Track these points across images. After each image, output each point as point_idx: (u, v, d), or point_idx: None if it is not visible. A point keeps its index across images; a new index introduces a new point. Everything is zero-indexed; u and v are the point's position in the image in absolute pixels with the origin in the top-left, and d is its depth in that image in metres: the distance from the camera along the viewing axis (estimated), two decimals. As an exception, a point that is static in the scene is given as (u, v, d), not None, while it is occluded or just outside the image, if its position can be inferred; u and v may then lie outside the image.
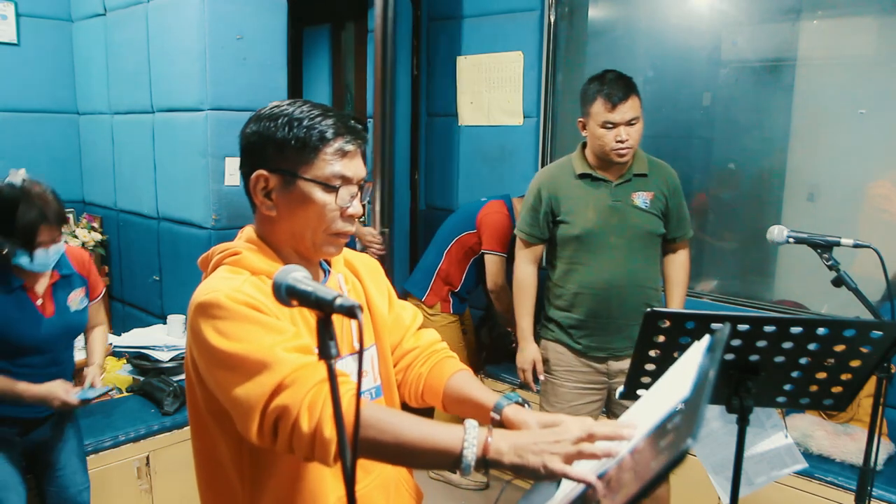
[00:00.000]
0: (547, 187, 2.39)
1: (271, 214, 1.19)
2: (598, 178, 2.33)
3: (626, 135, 2.22)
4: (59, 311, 2.10)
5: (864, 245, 1.80)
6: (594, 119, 2.26)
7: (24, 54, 3.62)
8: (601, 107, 2.23)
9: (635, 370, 1.57)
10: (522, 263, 2.50)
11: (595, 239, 2.32)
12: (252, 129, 1.22)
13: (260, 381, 1.01)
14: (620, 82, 2.24)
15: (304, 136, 1.15)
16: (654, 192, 2.33)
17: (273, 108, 1.21)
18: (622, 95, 2.21)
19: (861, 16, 2.80)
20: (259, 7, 3.16)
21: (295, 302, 1.00)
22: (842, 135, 2.83)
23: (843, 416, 2.61)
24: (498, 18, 3.60)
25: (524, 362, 2.54)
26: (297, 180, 1.15)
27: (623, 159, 2.27)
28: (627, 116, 2.21)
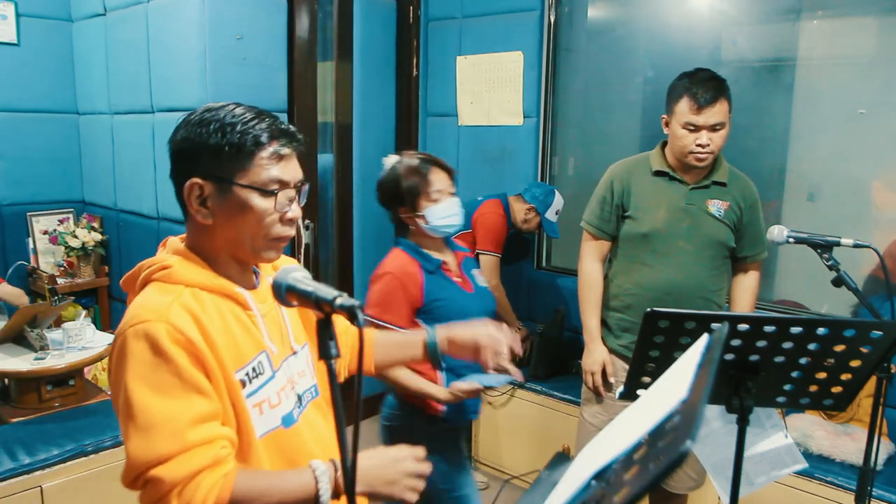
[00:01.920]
0: (620, 179, 2.26)
1: (207, 223, 1.15)
2: (675, 178, 2.20)
3: (709, 140, 2.08)
4: (476, 286, 2.01)
5: (864, 245, 1.80)
6: (677, 118, 2.12)
7: (24, 54, 3.62)
8: (686, 106, 2.09)
9: (635, 370, 1.57)
10: (588, 259, 2.34)
11: (662, 240, 2.19)
12: (182, 135, 1.16)
13: (151, 446, 1.03)
14: (711, 83, 2.09)
15: (237, 142, 1.12)
16: (729, 202, 2.20)
17: (203, 112, 1.17)
18: (711, 98, 2.06)
19: (861, 16, 2.80)
20: (259, 7, 3.16)
21: (295, 301, 1.00)
22: (842, 135, 2.83)
23: (843, 416, 2.61)
24: (498, 18, 3.60)
25: (593, 364, 2.32)
26: (234, 187, 1.12)
27: (701, 164, 2.13)
28: (712, 121, 2.07)
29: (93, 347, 2.81)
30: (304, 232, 3.50)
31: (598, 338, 2.32)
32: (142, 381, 1.04)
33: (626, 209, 2.25)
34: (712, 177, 2.21)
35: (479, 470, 3.44)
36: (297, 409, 1.21)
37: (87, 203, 3.93)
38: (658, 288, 2.21)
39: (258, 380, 1.14)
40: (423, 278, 1.92)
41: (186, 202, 1.15)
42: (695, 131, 2.09)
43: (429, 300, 1.91)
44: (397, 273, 1.91)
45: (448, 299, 1.91)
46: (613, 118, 3.57)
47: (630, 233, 2.25)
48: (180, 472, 1.02)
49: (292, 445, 1.18)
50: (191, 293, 1.11)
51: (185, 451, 1.03)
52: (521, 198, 3.33)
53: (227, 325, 1.12)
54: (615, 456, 0.92)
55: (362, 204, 3.91)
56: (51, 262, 3.75)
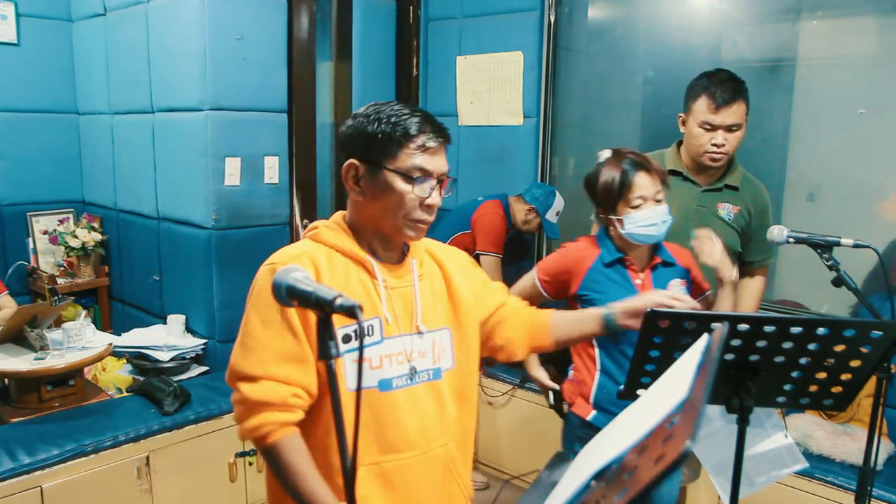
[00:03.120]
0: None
1: (359, 199, 1.33)
2: (688, 178, 2.20)
3: (724, 140, 2.09)
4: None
5: (864, 245, 1.80)
6: (694, 117, 2.12)
7: (24, 54, 3.62)
8: (704, 105, 2.08)
9: (635, 370, 1.57)
10: None
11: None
12: (349, 123, 1.36)
13: (243, 362, 1.26)
14: (730, 84, 2.09)
15: (389, 131, 1.29)
16: (740, 206, 2.20)
17: (369, 107, 1.36)
18: (729, 98, 2.06)
19: (861, 16, 2.80)
20: (259, 7, 3.16)
21: (295, 302, 1.00)
22: (842, 135, 2.83)
23: (843, 416, 2.61)
24: (498, 18, 3.60)
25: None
26: (382, 170, 1.30)
27: (716, 164, 2.14)
28: (729, 121, 2.08)
29: (93, 347, 2.80)
30: (303, 232, 3.50)
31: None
32: (255, 309, 1.27)
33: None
34: (725, 180, 2.20)
35: (479, 470, 3.44)
36: (402, 379, 1.33)
37: (87, 203, 3.93)
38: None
39: (365, 340, 1.29)
40: (590, 267, 1.93)
41: (344, 180, 1.34)
42: (711, 130, 2.10)
43: (585, 289, 1.92)
44: (570, 251, 1.99)
45: (608, 294, 1.88)
46: (613, 118, 3.57)
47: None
48: (255, 394, 1.23)
49: (383, 408, 1.30)
50: (326, 252, 1.32)
51: (265, 378, 1.23)
52: (521, 198, 3.33)
53: (347, 285, 1.30)
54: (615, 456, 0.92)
55: (362, 204, 3.91)
56: (51, 262, 3.75)
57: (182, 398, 2.77)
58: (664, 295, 1.54)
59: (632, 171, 1.86)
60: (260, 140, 3.24)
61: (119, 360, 3.16)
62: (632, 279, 1.92)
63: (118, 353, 3.12)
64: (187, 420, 2.73)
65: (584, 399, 1.97)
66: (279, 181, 3.34)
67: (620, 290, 1.89)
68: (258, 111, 3.22)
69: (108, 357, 2.97)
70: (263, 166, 3.26)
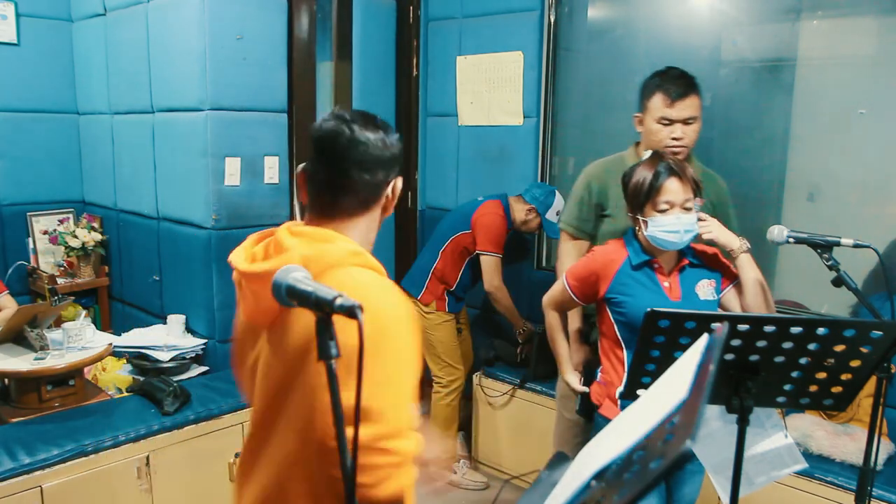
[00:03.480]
0: (597, 179, 2.32)
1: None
2: None
3: (682, 133, 2.15)
4: (686, 297, 1.95)
5: (864, 245, 1.80)
6: (651, 114, 2.19)
7: (24, 54, 3.62)
8: (659, 101, 2.16)
9: (635, 370, 1.57)
10: (567, 259, 2.37)
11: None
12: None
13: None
14: (682, 80, 2.17)
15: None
16: (703, 200, 2.24)
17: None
18: (682, 92, 2.14)
19: (861, 16, 2.80)
20: (259, 7, 3.16)
21: (295, 301, 1.00)
22: (842, 135, 2.83)
23: (843, 416, 2.61)
24: (498, 18, 3.60)
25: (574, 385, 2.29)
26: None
27: (677, 157, 2.16)
28: (685, 114, 2.15)
29: (93, 347, 2.80)
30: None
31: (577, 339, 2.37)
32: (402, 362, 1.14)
33: (604, 208, 2.32)
34: None
35: (480, 470, 3.44)
36: None
37: (87, 203, 3.93)
38: None
39: None
40: (618, 270, 1.94)
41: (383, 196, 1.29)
42: (669, 125, 2.16)
43: (614, 292, 1.94)
44: (599, 255, 2.02)
45: (636, 297, 1.90)
46: (613, 118, 3.57)
47: (608, 231, 2.30)
48: (411, 448, 1.11)
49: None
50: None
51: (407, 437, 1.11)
52: (521, 198, 3.33)
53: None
54: (615, 456, 0.92)
55: (362, 204, 3.91)
56: (51, 262, 3.75)
57: (182, 398, 2.77)
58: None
59: (664, 175, 1.88)
60: (260, 140, 3.23)
61: (119, 360, 3.16)
62: (660, 282, 1.93)
63: (118, 353, 3.12)
64: (187, 420, 2.73)
65: (611, 401, 1.97)
66: (279, 181, 3.34)
67: (648, 293, 1.91)
68: (258, 111, 3.22)
69: (108, 357, 2.97)
70: (263, 166, 3.26)
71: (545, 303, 2.18)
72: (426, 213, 4.08)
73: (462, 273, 3.29)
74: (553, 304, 2.16)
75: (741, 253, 1.95)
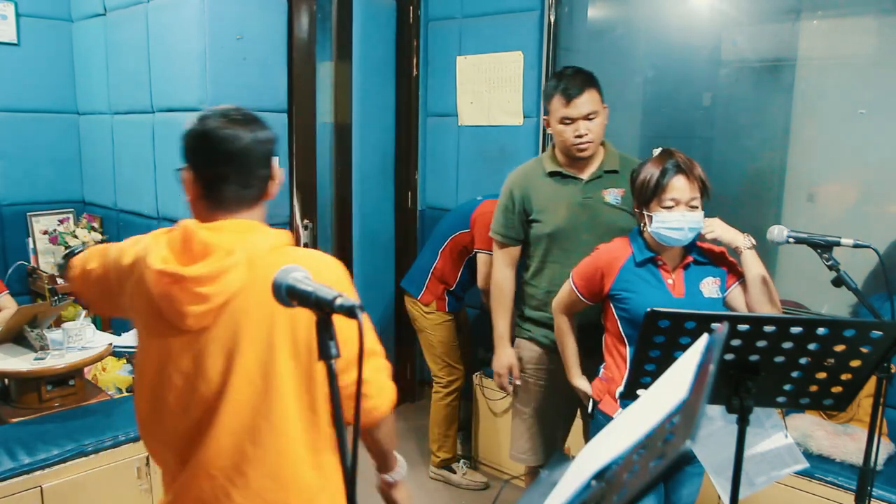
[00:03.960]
0: (518, 187, 2.36)
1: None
2: (568, 175, 2.31)
3: (586, 129, 2.20)
4: (690, 294, 1.95)
5: (864, 245, 1.80)
6: (553, 116, 2.25)
7: (24, 54, 3.62)
8: (558, 102, 2.22)
9: (635, 370, 1.57)
10: (500, 266, 2.46)
11: (566, 236, 2.29)
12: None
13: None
14: (577, 77, 2.23)
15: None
16: (625, 188, 2.29)
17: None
18: (578, 90, 2.19)
19: (861, 16, 2.80)
20: (259, 7, 3.16)
21: (295, 302, 1.00)
22: (842, 135, 2.83)
23: (843, 416, 2.61)
24: (498, 18, 3.60)
25: (500, 367, 2.50)
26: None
27: (584, 154, 2.25)
28: (584, 111, 2.20)
29: (93, 347, 2.80)
30: (302, 232, 3.50)
31: (506, 341, 2.46)
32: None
33: (529, 213, 2.35)
34: (604, 167, 2.31)
35: (480, 470, 3.44)
36: None
37: (87, 203, 3.93)
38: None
39: None
40: (622, 266, 1.95)
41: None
42: (571, 123, 2.22)
43: (617, 288, 1.95)
44: (603, 252, 2.03)
45: (640, 293, 1.91)
46: (613, 118, 3.55)
47: (537, 234, 2.34)
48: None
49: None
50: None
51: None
52: None
53: None
54: (615, 456, 0.92)
55: (361, 204, 3.91)
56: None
57: (182, 398, 2.77)
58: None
59: (671, 172, 1.88)
60: (260, 140, 3.23)
61: (119, 360, 3.16)
62: (664, 279, 1.94)
63: (118, 353, 3.12)
64: (187, 420, 2.73)
65: (611, 397, 1.98)
66: (279, 181, 3.34)
67: (652, 290, 1.92)
68: (258, 111, 3.21)
69: (108, 357, 2.96)
70: (263, 166, 3.26)
71: (554, 308, 2.19)
72: (426, 213, 4.08)
73: (461, 272, 3.29)
74: (562, 307, 2.15)
75: (746, 249, 1.95)
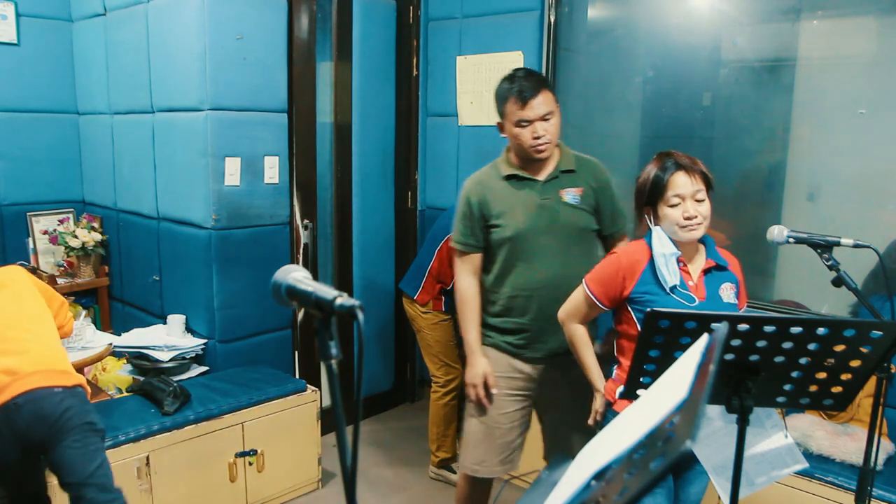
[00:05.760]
0: (475, 193, 2.31)
1: None
2: (525, 177, 2.28)
3: (543, 130, 2.18)
4: (711, 297, 1.94)
5: (864, 245, 1.80)
6: (509, 119, 2.22)
7: (24, 54, 3.62)
8: (513, 105, 2.19)
9: (635, 370, 1.57)
10: (463, 275, 2.36)
11: (527, 239, 2.25)
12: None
13: None
14: (530, 79, 2.20)
15: None
16: (583, 187, 2.29)
17: None
18: (533, 91, 2.17)
19: (861, 16, 2.80)
20: (259, 7, 3.16)
21: (295, 301, 1.00)
22: (842, 135, 2.83)
23: (843, 416, 2.61)
24: (498, 18, 3.60)
25: (475, 376, 2.34)
26: None
27: (542, 155, 2.23)
28: (541, 112, 2.18)
29: (93, 347, 2.80)
30: (303, 232, 3.50)
31: (478, 350, 2.33)
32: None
33: (488, 219, 2.29)
34: (560, 167, 2.29)
35: (479, 470, 3.44)
36: None
37: (87, 203, 3.93)
38: (533, 285, 2.26)
39: None
40: (644, 268, 1.94)
41: None
42: (527, 126, 2.19)
43: (639, 291, 1.93)
44: (623, 255, 1.99)
45: (661, 296, 1.90)
46: (613, 118, 3.57)
47: (498, 240, 2.29)
48: None
49: None
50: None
51: None
52: None
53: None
54: (615, 456, 0.92)
55: (362, 204, 3.91)
56: (51, 262, 3.75)
57: (182, 398, 2.77)
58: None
59: (671, 169, 1.90)
60: (260, 140, 3.24)
61: (119, 360, 3.16)
62: (685, 281, 1.93)
63: (118, 353, 3.12)
64: (187, 420, 2.73)
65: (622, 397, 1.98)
66: (279, 181, 3.34)
67: (677, 294, 1.91)
68: (258, 111, 3.22)
69: (108, 357, 2.97)
70: (263, 166, 3.26)
71: (563, 317, 2.14)
72: (426, 213, 4.08)
73: None
74: (576, 315, 2.11)
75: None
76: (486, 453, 2.40)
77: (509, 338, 2.34)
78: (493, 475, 2.44)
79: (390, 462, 3.53)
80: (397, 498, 3.22)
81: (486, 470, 2.41)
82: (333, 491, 3.25)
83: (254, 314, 3.32)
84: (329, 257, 3.90)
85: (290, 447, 3.08)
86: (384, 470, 3.45)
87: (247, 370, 3.23)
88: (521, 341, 2.32)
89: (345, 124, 3.80)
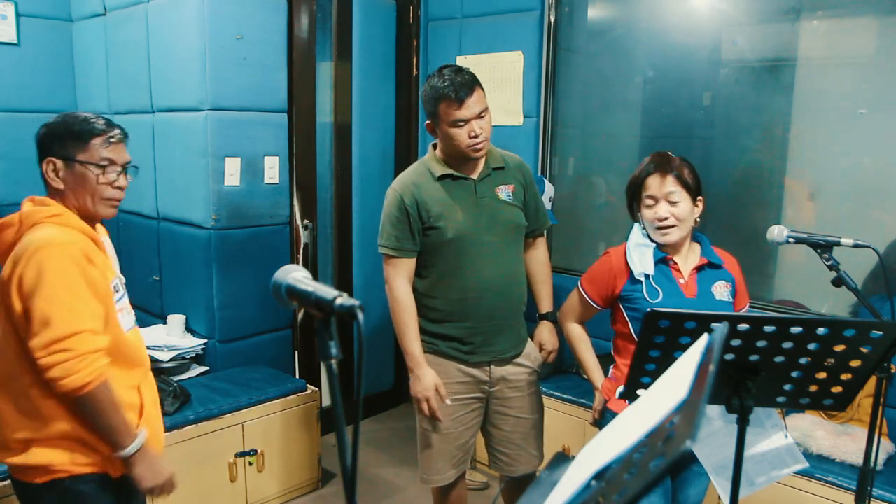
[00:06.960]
0: (409, 195, 2.20)
1: (59, 188, 1.68)
2: (459, 177, 2.22)
3: (479, 129, 2.14)
4: (702, 295, 1.96)
5: (864, 245, 1.80)
6: (444, 119, 2.15)
7: (24, 54, 3.62)
8: (448, 106, 2.12)
9: (635, 370, 1.57)
10: (398, 281, 2.22)
11: (469, 240, 2.19)
12: (42, 129, 1.71)
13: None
14: (462, 77, 2.15)
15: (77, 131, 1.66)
16: (513, 184, 2.27)
17: (61, 115, 1.71)
18: (467, 90, 2.12)
19: (861, 16, 2.80)
20: (259, 7, 3.16)
21: (295, 301, 1.00)
22: (842, 135, 2.83)
23: (843, 416, 2.61)
24: (498, 18, 3.60)
25: (426, 390, 2.20)
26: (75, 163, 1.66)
27: (479, 154, 2.19)
28: (476, 110, 2.14)
29: (93, 347, 2.80)
30: (303, 232, 3.50)
31: (423, 362, 2.21)
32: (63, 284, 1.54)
33: (425, 221, 2.20)
34: (491, 164, 2.27)
35: (479, 470, 3.44)
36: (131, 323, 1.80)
37: (87, 203, 3.92)
38: (477, 287, 2.20)
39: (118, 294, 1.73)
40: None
41: (45, 175, 1.71)
42: (464, 125, 2.14)
43: (629, 288, 1.95)
44: (615, 255, 2.01)
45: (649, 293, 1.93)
46: (613, 118, 3.57)
47: (437, 242, 2.20)
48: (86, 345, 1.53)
49: (128, 344, 1.73)
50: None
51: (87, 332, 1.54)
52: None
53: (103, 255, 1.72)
54: (615, 456, 0.92)
55: (361, 204, 3.91)
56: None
57: (182, 398, 2.77)
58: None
59: (647, 170, 1.91)
60: (260, 140, 3.24)
61: (119, 360, 3.15)
62: (676, 279, 1.95)
63: (118, 353, 3.11)
64: (187, 420, 2.73)
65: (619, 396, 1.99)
66: (279, 181, 3.34)
67: (665, 290, 1.93)
68: (258, 111, 3.22)
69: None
70: (263, 166, 3.26)
71: (561, 317, 2.17)
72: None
73: None
74: (573, 316, 2.13)
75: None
76: (440, 461, 2.31)
77: (456, 343, 2.25)
78: (447, 481, 2.34)
79: (390, 462, 3.53)
80: (397, 498, 3.22)
81: (441, 478, 2.33)
82: (333, 491, 3.25)
83: (254, 314, 3.32)
84: (329, 257, 3.90)
85: (290, 447, 3.08)
86: (384, 470, 3.45)
87: (247, 370, 3.23)
88: (468, 346, 2.24)
89: (345, 124, 3.80)
